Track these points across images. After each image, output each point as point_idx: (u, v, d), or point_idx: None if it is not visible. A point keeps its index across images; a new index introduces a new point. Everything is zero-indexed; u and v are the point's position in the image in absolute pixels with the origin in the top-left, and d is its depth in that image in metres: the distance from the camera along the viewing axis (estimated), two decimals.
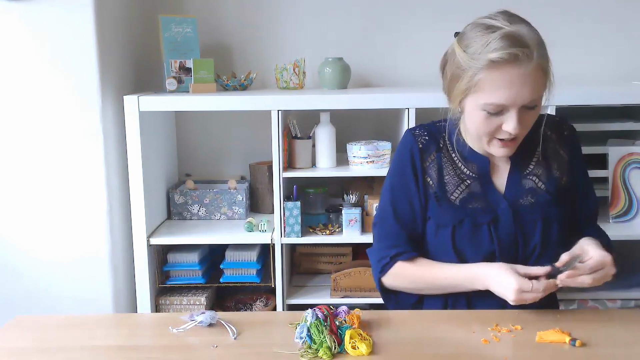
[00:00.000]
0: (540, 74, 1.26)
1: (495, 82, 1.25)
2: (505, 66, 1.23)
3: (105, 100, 2.11)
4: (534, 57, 1.23)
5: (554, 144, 1.45)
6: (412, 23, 2.50)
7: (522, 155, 1.42)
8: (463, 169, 1.43)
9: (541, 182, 1.42)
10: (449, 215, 1.40)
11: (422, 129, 1.47)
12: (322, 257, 2.45)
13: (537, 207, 1.40)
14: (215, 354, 1.19)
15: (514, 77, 1.23)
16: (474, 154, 1.43)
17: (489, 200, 1.40)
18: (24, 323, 1.36)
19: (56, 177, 2.11)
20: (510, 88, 1.24)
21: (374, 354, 1.17)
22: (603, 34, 2.48)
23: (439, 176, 1.42)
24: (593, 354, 1.17)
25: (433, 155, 1.44)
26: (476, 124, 1.32)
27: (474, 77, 1.26)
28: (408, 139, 1.46)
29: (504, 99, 1.25)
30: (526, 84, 1.24)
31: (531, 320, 1.30)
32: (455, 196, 1.41)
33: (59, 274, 2.16)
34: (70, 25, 2.03)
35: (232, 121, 2.55)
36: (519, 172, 1.42)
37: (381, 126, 2.51)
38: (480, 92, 1.27)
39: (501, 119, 1.28)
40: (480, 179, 1.42)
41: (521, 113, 1.27)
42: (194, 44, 2.35)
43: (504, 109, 1.27)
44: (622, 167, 2.21)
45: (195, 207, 2.41)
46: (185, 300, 2.29)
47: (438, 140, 1.45)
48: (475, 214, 1.39)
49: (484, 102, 1.27)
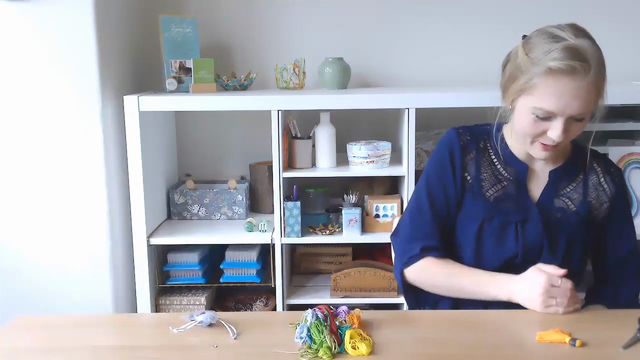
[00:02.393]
0: (593, 90, 1.29)
1: (548, 89, 1.28)
2: (561, 76, 1.27)
3: (105, 100, 2.11)
4: (590, 72, 1.27)
5: (597, 176, 1.47)
6: (412, 23, 2.50)
7: (563, 175, 1.46)
8: (501, 170, 1.46)
9: (573, 205, 1.44)
10: (480, 209, 1.44)
11: (465, 129, 1.51)
12: (322, 257, 2.46)
13: (564, 224, 1.43)
14: (215, 354, 1.19)
15: (568, 88, 1.27)
16: (514, 159, 1.46)
17: (522, 203, 1.43)
18: (24, 323, 1.36)
19: (56, 177, 2.11)
20: (561, 97, 1.28)
21: (374, 354, 1.17)
22: (603, 34, 2.46)
23: (477, 173, 1.46)
24: (593, 354, 1.17)
25: (473, 153, 1.47)
26: (523, 124, 1.35)
27: (530, 80, 1.31)
28: (451, 135, 1.49)
29: (553, 107, 1.29)
30: (578, 97, 1.28)
31: (531, 320, 1.30)
32: (490, 193, 1.44)
33: (59, 274, 2.16)
34: (70, 26, 2.03)
35: (232, 121, 2.55)
36: (554, 190, 1.45)
37: (381, 126, 2.51)
38: (533, 95, 1.31)
39: (547, 125, 1.32)
40: (517, 183, 1.45)
41: (567, 123, 1.31)
42: (194, 44, 2.35)
43: (552, 116, 1.30)
44: (622, 167, 2.21)
45: (195, 207, 2.41)
46: (185, 300, 2.29)
47: (479, 141, 1.49)
48: (507, 212, 1.42)
49: (534, 106, 1.31)
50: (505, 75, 1.40)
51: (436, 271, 1.44)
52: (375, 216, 2.25)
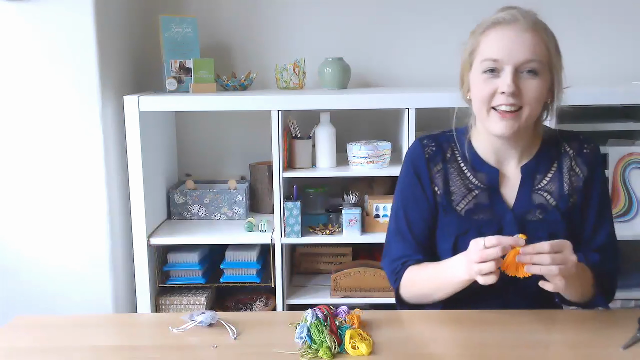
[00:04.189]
0: (538, 41, 1.29)
1: (491, 40, 1.31)
2: (502, 26, 1.30)
3: (105, 100, 2.11)
4: (529, 18, 1.30)
5: (570, 159, 1.42)
6: (413, 23, 2.50)
7: (535, 168, 1.41)
8: (471, 179, 1.42)
9: (552, 198, 1.39)
10: (453, 225, 1.40)
11: (430, 139, 1.47)
12: (322, 257, 2.45)
13: (545, 224, 1.38)
14: (215, 354, 1.19)
15: (508, 33, 1.29)
16: (483, 165, 1.42)
17: (495, 212, 1.39)
18: (24, 323, 1.36)
19: (56, 177, 2.11)
20: (504, 43, 1.29)
21: (374, 354, 1.17)
22: (603, 34, 2.48)
23: (445, 186, 1.42)
24: (593, 354, 1.17)
25: (440, 165, 1.43)
26: (476, 92, 1.33)
27: (474, 42, 1.34)
28: (416, 148, 1.47)
29: (496, 53, 1.29)
30: (520, 41, 1.28)
31: (531, 320, 1.30)
32: (461, 207, 1.40)
33: (59, 274, 2.16)
34: (70, 26, 2.03)
35: (232, 121, 2.55)
36: (530, 186, 1.40)
37: (381, 126, 2.51)
38: (478, 54, 1.33)
39: (498, 82, 1.30)
40: (489, 190, 1.41)
41: (518, 77, 1.29)
42: (194, 44, 2.35)
43: (500, 67, 1.29)
44: (622, 167, 2.21)
45: (195, 207, 2.41)
46: (185, 300, 2.29)
47: (445, 150, 1.45)
48: (480, 224, 1.38)
49: (481, 61, 1.31)
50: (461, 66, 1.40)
51: (415, 276, 1.41)
52: (375, 216, 2.25)
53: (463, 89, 1.40)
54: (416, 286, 1.41)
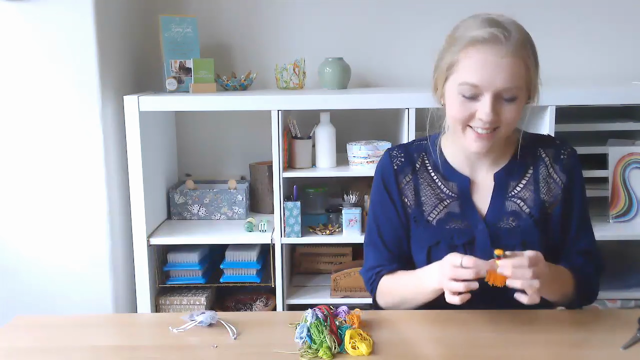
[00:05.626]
0: (519, 63, 1.24)
1: (470, 61, 1.25)
2: (482, 45, 1.23)
3: (105, 100, 2.11)
4: (511, 40, 1.23)
5: (546, 167, 1.39)
6: (412, 23, 2.50)
7: (508, 175, 1.39)
8: (443, 188, 1.40)
9: (526, 205, 1.37)
10: (425, 236, 1.39)
11: (400, 150, 1.46)
12: (322, 257, 2.45)
13: (517, 231, 1.36)
14: (215, 354, 1.19)
15: (489, 58, 1.23)
16: (454, 173, 1.40)
17: (467, 221, 1.37)
18: (24, 323, 1.36)
19: (56, 177, 2.11)
20: (484, 68, 1.23)
21: (374, 354, 1.17)
22: (603, 34, 2.48)
23: (416, 197, 1.41)
24: (593, 354, 1.17)
25: (409, 176, 1.42)
26: (452, 110, 1.30)
27: (453, 57, 1.28)
28: (384, 160, 1.46)
29: (477, 79, 1.24)
30: (501, 68, 1.23)
31: (531, 320, 1.30)
32: (432, 217, 1.39)
33: (59, 274, 2.16)
34: (70, 25, 2.03)
35: (232, 121, 2.55)
36: (503, 194, 1.38)
37: (381, 126, 2.51)
38: (457, 72, 1.27)
39: (476, 105, 1.26)
40: (460, 199, 1.39)
41: (497, 103, 1.25)
42: (194, 44, 2.35)
43: (479, 93, 1.25)
44: (622, 167, 2.21)
45: (195, 207, 2.41)
46: (185, 300, 2.29)
47: (415, 160, 1.43)
48: (452, 234, 1.37)
49: (459, 83, 1.26)
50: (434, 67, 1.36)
51: (389, 285, 1.41)
52: None
53: (437, 94, 1.36)
54: (391, 294, 1.42)
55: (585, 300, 1.41)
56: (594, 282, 1.41)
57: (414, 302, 1.38)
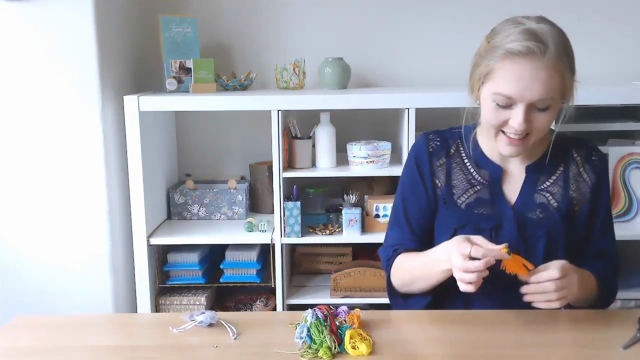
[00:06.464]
0: (554, 75, 1.24)
1: (506, 72, 1.26)
2: (518, 58, 1.24)
3: (105, 100, 2.11)
4: (548, 55, 1.23)
5: (577, 166, 1.43)
6: (413, 23, 2.50)
7: (540, 169, 1.42)
8: (475, 175, 1.43)
9: (554, 200, 1.40)
10: (453, 218, 1.41)
11: (436, 134, 1.49)
12: (322, 257, 2.45)
13: (544, 222, 1.38)
14: (215, 354, 1.19)
15: (525, 71, 1.24)
16: (487, 162, 1.43)
17: (496, 208, 1.40)
18: (24, 323, 1.36)
19: (56, 177, 2.11)
20: (519, 80, 1.24)
21: (374, 354, 1.17)
22: (603, 34, 2.48)
23: (447, 180, 1.43)
24: (593, 354, 1.17)
25: (443, 159, 1.45)
26: (486, 114, 1.32)
27: (489, 65, 1.28)
28: (420, 142, 1.48)
29: (511, 91, 1.25)
30: (537, 80, 1.23)
31: (531, 320, 1.30)
32: (462, 200, 1.41)
33: (59, 274, 2.16)
34: (70, 26, 2.03)
35: (232, 121, 2.55)
36: (533, 186, 1.41)
37: (381, 126, 2.51)
38: (492, 81, 1.28)
39: (509, 113, 1.28)
40: (491, 187, 1.41)
41: (530, 112, 1.27)
42: (194, 44, 2.35)
43: (513, 102, 1.27)
44: (622, 167, 2.21)
45: (195, 207, 2.41)
46: (185, 300, 2.29)
47: (450, 146, 1.46)
48: (479, 219, 1.39)
49: (493, 92, 1.28)
50: (471, 66, 1.37)
51: (401, 263, 1.43)
52: (375, 216, 2.25)
53: (473, 95, 1.38)
54: (403, 272, 1.43)
55: (606, 302, 1.44)
56: (612, 283, 1.44)
57: (424, 282, 1.38)
